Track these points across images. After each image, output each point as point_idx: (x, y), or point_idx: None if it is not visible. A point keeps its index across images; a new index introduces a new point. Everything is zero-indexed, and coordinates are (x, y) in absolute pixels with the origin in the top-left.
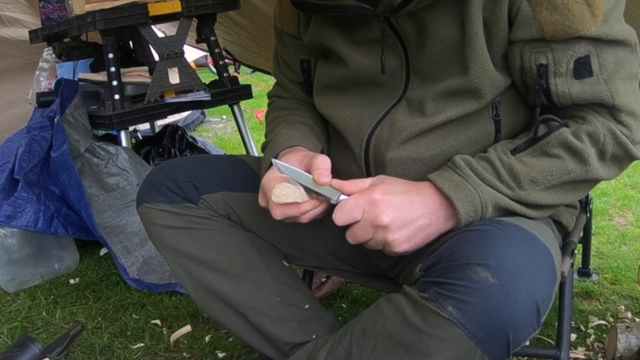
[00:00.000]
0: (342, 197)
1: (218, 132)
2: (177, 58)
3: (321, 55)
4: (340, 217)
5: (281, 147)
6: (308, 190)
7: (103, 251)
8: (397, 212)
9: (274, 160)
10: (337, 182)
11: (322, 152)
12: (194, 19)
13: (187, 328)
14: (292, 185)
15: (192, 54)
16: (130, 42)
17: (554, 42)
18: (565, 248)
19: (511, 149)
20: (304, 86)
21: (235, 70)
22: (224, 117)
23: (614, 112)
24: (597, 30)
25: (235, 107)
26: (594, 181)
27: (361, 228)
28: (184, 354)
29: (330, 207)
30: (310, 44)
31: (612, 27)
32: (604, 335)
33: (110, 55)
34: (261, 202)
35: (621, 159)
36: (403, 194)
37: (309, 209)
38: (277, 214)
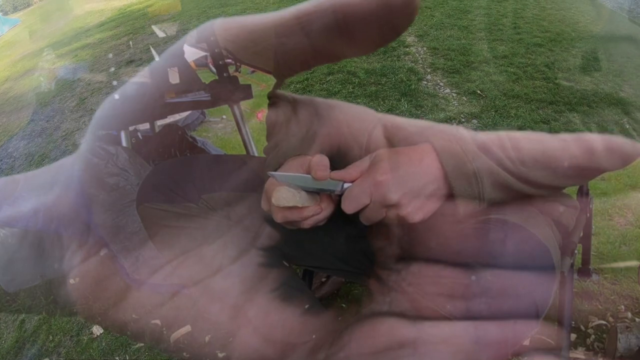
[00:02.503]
0: (346, 185)
1: (218, 132)
2: (177, 58)
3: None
4: (349, 206)
5: (285, 156)
6: (310, 191)
7: (103, 252)
8: (403, 187)
9: (269, 173)
10: (335, 173)
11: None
12: None
13: (187, 328)
14: (292, 189)
15: (192, 54)
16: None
17: None
18: (565, 248)
19: (517, 129)
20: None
21: (236, 70)
22: (224, 117)
23: (626, 106)
24: None
25: (235, 107)
26: (597, 170)
27: (372, 210)
28: (184, 354)
29: (333, 208)
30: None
31: None
32: (604, 335)
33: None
34: (264, 205)
35: (628, 151)
36: (405, 166)
37: (311, 215)
38: (279, 217)
